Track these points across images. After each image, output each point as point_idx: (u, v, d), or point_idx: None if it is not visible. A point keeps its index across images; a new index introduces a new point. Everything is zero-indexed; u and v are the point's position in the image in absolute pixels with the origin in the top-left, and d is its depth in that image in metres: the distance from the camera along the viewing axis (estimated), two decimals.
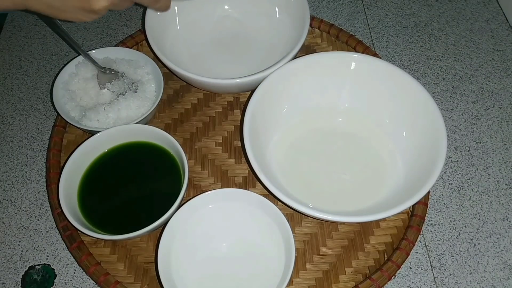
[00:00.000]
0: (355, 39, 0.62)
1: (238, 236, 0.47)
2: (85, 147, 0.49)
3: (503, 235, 0.51)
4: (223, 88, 0.55)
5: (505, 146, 0.58)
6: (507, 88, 0.63)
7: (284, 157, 0.53)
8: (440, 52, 0.66)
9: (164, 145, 0.51)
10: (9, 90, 0.64)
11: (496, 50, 0.66)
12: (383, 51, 0.67)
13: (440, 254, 0.50)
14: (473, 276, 0.49)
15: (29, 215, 0.53)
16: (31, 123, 0.61)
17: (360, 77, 0.53)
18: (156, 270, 0.44)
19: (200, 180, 0.53)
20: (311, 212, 0.42)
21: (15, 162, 0.57)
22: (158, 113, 0.58)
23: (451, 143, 0.58)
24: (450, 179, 0.55)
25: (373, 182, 0.51)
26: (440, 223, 0.52)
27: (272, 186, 0.43)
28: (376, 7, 0.72)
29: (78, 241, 0.48)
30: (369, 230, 0.50)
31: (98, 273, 0.46)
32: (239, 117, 0.58)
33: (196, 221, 0.47)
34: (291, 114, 0.54)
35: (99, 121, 0.52)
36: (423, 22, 0.70)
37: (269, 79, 0.50)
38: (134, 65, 0.57)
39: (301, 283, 0.47)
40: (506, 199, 0.54)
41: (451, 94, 0.62)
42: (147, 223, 0.44)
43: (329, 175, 0.52)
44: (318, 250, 0.49)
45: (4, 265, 0.50)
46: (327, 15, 0.71)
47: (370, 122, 0.54)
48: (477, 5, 0.72)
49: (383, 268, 0.46)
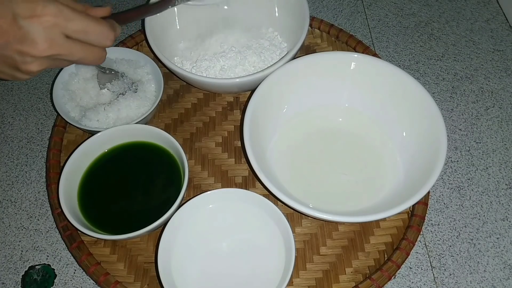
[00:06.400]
0: (355, 39, 0.62)
1: (238, 236, 0.47)
2: (85, 147, 0.49)
3: (503, 235, 0.51)
4: (223, 88, 0.55)
5: (505, 146, 0.58)
6: (507, 88, 0.63)
7: (284, 157, 0.53)
8: (440, 52, 0.66)
9: (164, 145, 0.51)
10: (9, 90, 0.64)
11: (496, 50, 0.67)
12: (383, 51, 0.67)
13: (440, 254, 0.50)
14: (473, 276, 0.49)
15: (29, 215, 0.53)
16: (31, 123, 0.61)
17: (360, 77, 0.53)
18: (156, 270, 0.44)
19: (200, 180, 0.53)
20: (311, 212, 0.42)
21: (15, 162, 0.57)
22: (158, 113, 0.58)
23: (451, 143, 0.58)
24: (450, 179, 0.55)
25: (373, 182, 0.51)
26: (440, 223, 0.52)
27: (272, 186, 0.43)
28: (376, 7, 0.72)
29: (78, 241, 0.48)
30: (369, 230, 0.50)
31: (98, 273, 0.46)
32: (239, 117, 0.58)
33: (196, 221, 0.47)
34: (291, 114, 0.54)
35: (99, 121, 0.52)
36: (423, 22, 0.70)
37: (269, 79, 0.50)
38: (134, 65, 0.57)
39: (301, 283, 0.47)
40: (506, 199, 0.54)
41: (451, 94, 0.62)
42: (147, 223, 0.44)
43: (329, 175, 0.52)
44: (318, 250, 0.49)
45: (4, 265, 0.50)
46: (327, 15, 0.71)
47: (370, 122, 0.54)
48: (477, 5, 0.72)
49: (383, 268, 0.46)
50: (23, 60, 0.32)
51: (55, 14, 0.31)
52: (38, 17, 0.31)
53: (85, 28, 0.33)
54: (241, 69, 0.56)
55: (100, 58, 0.37)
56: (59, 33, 0.32)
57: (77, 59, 0.35)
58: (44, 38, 0.31)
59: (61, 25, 0.32)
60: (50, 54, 0.32)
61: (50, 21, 0.31)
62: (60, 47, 0.32)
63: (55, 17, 0.31)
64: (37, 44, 0.31)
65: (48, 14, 0.31)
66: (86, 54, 0.35)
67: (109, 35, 0.35)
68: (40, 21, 0.31)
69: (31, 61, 0.33)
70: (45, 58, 0.33)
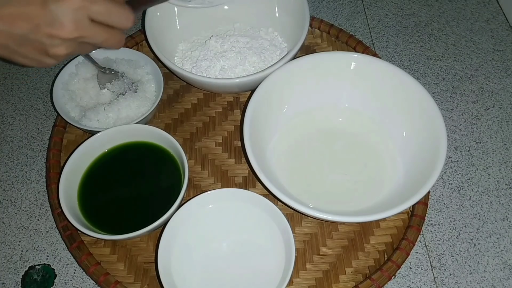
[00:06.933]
0: (355, 39, 0.62)
1: (238, 236, 0.47)
2: (85, 147, 0.49)
3: (503, 235, 0.51)
4: (223, 88, 0.55)
5: (505, 146, 0.58)
6: (507, 88, 0.63)
7: (284, 157, 0.53)
8: (440, 52, 0.66)
9: (164, 145, 0.51)
10: (9, 90, 0.64)
11: (496, 50, 0.67)
12: (383, 51, 0.67)
13: (440, 254, 0.50)
14: (473, 276, 0.49)
15: (29, 215, 0.53)
16: (31, 123, 0.61)
17: (360, 77, 0.53)
18: (156, 270, 0.44)
19: (200, 180, 0.53)
20: (311, 212, 0.42)
21: (15, 162, 0.57)
22: (158, 113, 0.58)
23: (451, 143, 0.58)
24: (450, 179, 0.55)
25: (373, 182, 0.51)
26: (440, 223, 0.52)
27: (272, 186, 0.43)
28: (376, 7, 0.72)
29: (78, 241, 0.48)
30: (369, 230, 0.50)
31: (98, 273, 0.46)
32: (239, 117, 0.58)
33: (196, 221, 0.47)
34: (291, 114, 0.54)
35: (99, 121, 0.52)
36: (423, 22, 0.70)
37: (269, 79, 0.50)
38: (134, 65, 0.57)
39: (301, 283, 0.47)
40: (506, 199, 0.54)
41: (451, 94, 0.62)
42: (147, 223, 0.44)
43: (329, 175, 0.52)
44: (318, 250, 0.49)
45: (4, 265, 0.50)
46: (327, 15, 0.71)
47: (370, 122, 0.54)
48: (477, 5, 0.72)
49: (383, 268, 0.46)
50: (51, 43, 0.33)
51: None
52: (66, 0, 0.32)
53: (108, 9, 0.34)
54: (241, 69, 0.56)
55: (120, 41, 0.38)
56: (84, 15, 0.33)
57: (100, 42, 0.36)
58: (71, 20, 0.33)
59: (86, 7, 0.33)
60: (76, 36, 0.33)
61: (76, 3, 0.32)
62: (85, 29, 0.34)
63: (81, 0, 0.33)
64: (65, 26, 0.33)
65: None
66: (108, 37, 0.36)
67: (130, 16, 0.36)
68: (67, 3, 0.32)
69: (59, 44, 0.34)
70: (72, 41, 0.34)
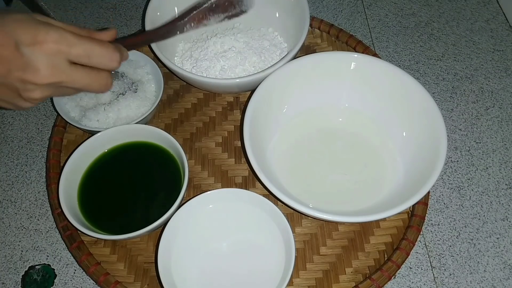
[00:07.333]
0: (355, 39, 0.62)
1: (238, 236, 0.47)
2: (85, 147, 0.49)
3: (503, 235, 0.51)
4: (223, 88, 0.55)
5: (505, 146, 0.58)
6: (507, 88, 0.63)
7: (284, 157, 0.53)
8: (440, 52, 0.66)
9: (164, 145, 0.51)
10: None
11: (496, 50, 0.67)
12: (383, 51, 0.67)
13: (440, 254, 0.50)
14: (473, 276, 0.49)
15: (29, 215, 0.53)
16: (31, 123, 0.61)
17: (360, 77, 0.53)
18: (156, 270, 0.44)
19: (200, 180, 0.53)
20: (311, 212, 0.42)
21: (15, 162, 0.57)
22: (158, 113, 0.58)
23: (451, 143, 0.58)
24: (450, 179, 0.55)
25: (373, 182, 0.51)
26: (440, 223, 0.52)
27: (272, 186, 0.43)
28: (376, 7, 0.72)
29: (78, 241, 0.48)
30: (369, 230, 0.50)
31: (98, 273, 0.46)
32: (239, 117, 0.58)
33: (196, 221, 0.47)
34: (291, 114, 0.54)
35: (99, 121, 0.52)
36: (423, 22, 0.70)
37: (269, 79, 0.50)
38: (134, 65, 0.57)
39: (301, 283, 0.47)
40: (506, 199, 0.54)
41: (451, 94, 0.62)
42: (147, 223, 0.44)
43: (329, 175, 0.52)
44: (318, 250, 0.49)
45: (4, 265, 0.50)
46: (327, 15, 0.71)
47: (370, 122, 0.54)
48: (477, 5, 0.72)
49: (383, 268, 0.46)
50: (25, 87, 0.32)
51: (58, 41, 0.31)
52: (41, 44, 0.30)
53: (88, 51, 0.32)
54: (241, 69, 0.56)
55: (106, 85, 0.35)
56: (62, 59, 0.31)
57: (81, 86, 0.34)
58: (47, 65, 0.31)
59: (64, 51, 0.31)
60: (52, 82, 0.32)
61: (53, 48, 0.31)
62: (63, 74, 0.32)
63: (58, 44, 0.31)
64: (39, 71, 0.31)
65: (50, 41, 0.31)
66: (90, 81, 0.34)
67: (114, 56, 0.34)
68: (43, 48, 0.30)
69: (33, 89, 0.32)
70: (48, 86, 0.32)
